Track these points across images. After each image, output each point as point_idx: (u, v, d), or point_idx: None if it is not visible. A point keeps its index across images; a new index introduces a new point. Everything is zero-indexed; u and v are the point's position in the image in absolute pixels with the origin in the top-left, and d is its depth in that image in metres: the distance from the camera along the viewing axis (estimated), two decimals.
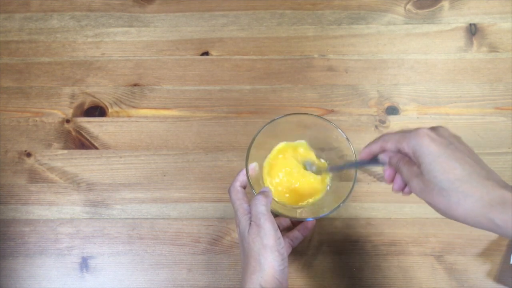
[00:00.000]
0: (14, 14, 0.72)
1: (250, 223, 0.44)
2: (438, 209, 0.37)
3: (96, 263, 0.60)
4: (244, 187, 0.49)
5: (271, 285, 0.42)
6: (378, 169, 0.63)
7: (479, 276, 0.58)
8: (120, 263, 0.60)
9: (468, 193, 0.35)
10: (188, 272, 0.59)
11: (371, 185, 0.62)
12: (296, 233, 0.53)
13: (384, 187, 0.62)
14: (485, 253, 0.59)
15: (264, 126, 0.49)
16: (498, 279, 0.58)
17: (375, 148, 0.43)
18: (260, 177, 0.53)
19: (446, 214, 0.37)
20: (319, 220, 0.61)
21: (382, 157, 0.43)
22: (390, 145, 0.41)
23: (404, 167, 0.40)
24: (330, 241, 0.60)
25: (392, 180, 0.43)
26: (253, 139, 0.48)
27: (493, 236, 0.60)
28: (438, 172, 0.36)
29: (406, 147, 0.39)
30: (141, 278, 0.59)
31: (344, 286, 0.58)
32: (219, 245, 0.60)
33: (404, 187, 0.43)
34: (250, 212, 0.45)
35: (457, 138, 0.39)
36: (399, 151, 0.41)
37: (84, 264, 0.60)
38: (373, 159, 0.44)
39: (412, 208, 0.61)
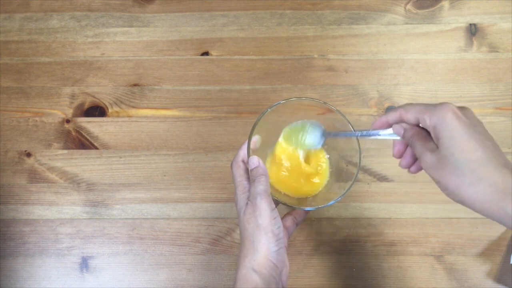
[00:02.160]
0: (14, 14, 0.72)
1: (247, 203, 0.43)
2: (446, 188, 0.36)
3: (96, 263, 0.60)
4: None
5: (265, 268, 0.41)
6: (378, 168, 0.63)
7: (479, 276, 0.58)
8: (120, 263, 0.60)
9: (483, 177, 0.34)
10: (188, 272, 0.59)
11: (371, 185, 0.62)
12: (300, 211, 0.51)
13: (384, 187, 0.62)
14: (485, 253, 0.59)
15: (276, 104, 0.48)
16: (498, 279, 0.58)
17: (393, 117, 0.41)
18: (263, 157, 0.51)
19: (454, 194, 0.35)
20: (319, 220, 0.61)
21: (397, 128, 0.41)
22: (410, 116, 0.39)
23: (418, 142, 0.38)
24: (330, 241, 0.60)
25: (400, 156, 0.42)
26: (261, 115, 0.47)
27: (493, 236, 0.60)
28: (457, 149, 0.35)
29: (428, 120, 0.37)
30: (141, 278, 0.59)
31: (344, 286, 0.58)
32: (219, 245, 0.60)
33: (412, 164, 0.41)
34: (249, 190, 0.44)
35: (479, 122, 0.38)
36: (417, 124, 0.39)
37: (84, 264, 0.60)
38: (385, 130, 0.42)
39: (412, 208, 0.61)
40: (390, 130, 0.42)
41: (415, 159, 0.41)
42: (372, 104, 0.66)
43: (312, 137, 0.51)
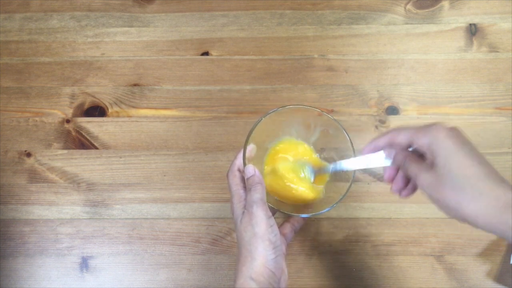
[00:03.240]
0: (14, 14, 0.72)
1: (243, 212, 0.43)
2: (446, 206, 0.36)
3: (96, 263, 0.60)
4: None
5: (263, 276, 0.41)
6: (378, 168, 0.63)
7: (479, 276, 0.58)
8: (120, 263, 0.60)
9: (484, 191, 0.34)
10: (188, 272, 0.59)
11: (371, 185, 0.62)
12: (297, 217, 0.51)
13: (384, 187, 0.62)
14: (485, 253, 0.59)
15: (270, 113, 0.48)
16: (498, 279, 0.58)
17: (382, 142, 0.41)
18: (260, 166, 0.52)
19: (456, 211, 0.35)
20: (318, 220, 0.61)
21: (387, 152, 0.41)
22: (403, 137, 0.40)
23: (412, 163, 0.38)
24: (330, 241, 0.60)
25: (392, 180, 0.42)
26: (256, 123, 0.48)
27: (493, 236, 0.60)
28: (454, 166, 0.35)
29: (422, 139, 0.38)
30: (141, 278, 0.59)
31: (344, 286, 0.58)
32: (219, 245, 0.60)
33: (403, 189, 0.42)
34: (245, 199, 0.44)
35: (470, 141, 0.38)
36: (409, 145, 0.39)
37: (84, 264, 0.60)
38: (375, 154, 0.42)
39: (412, 208, 0.61)
40: (380, 154, 0.42)
41: (406, 183, 0.42)
42: (372, 104, 0.66)
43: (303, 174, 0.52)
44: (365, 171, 0.63)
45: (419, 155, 0.39)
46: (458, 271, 0.59)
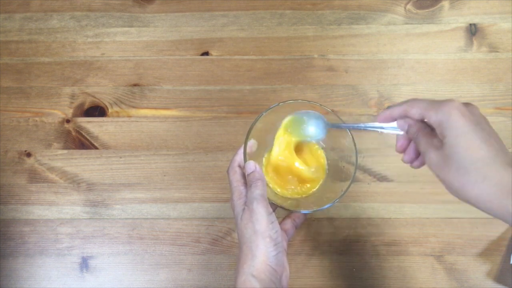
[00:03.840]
0: (14, 14, 0.72)
1: (244, 208, 0.43)
2: (450, 186, 0.36)
3: (96, 263, 0.60)
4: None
5: (264, 273, 0.40)
6: (378, 168, 0.63)
7: (479, 276, 0.58)
8: (120, 263, 0.60)
9: (488, 175, 0.33)
10: (188, 272, 0.59)
11: (371, 185, 0.62)
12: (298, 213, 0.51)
13: (384, 187, 0.62)
14: (485, 253, 0.59)
15: (271, 107, 0.48)
16: (498, 279, 0.58)
17: (398, 111, 0.40)
18: (260, 160, 0.52)
19: (458, 193, 0.35)
20: (319, 220, 0.61)
21: (401, 123, 0.40)
22: (416, 111, 0.39)
23: (423, 138, 0.38)
24: (330, 241, 0.60)
25: (403, 150, 0.42)
26: (257, 119, 0.47)
27: (493, 236, 0.60)
28: (461, 148, 0.35)
29: (433, 116, 0.37)
30: (141, 278, 0.59)
31: (344, 286, 0.58)
32: (219, 245, 0.60)
33: (414, 160, 0.41)
34: (246, 196, 0.44)
35: (485, 119, 0.37)
36: (421, 120, 0.39)
37: (84, 264, 0.60)
38: (389, 124, 0.42)
39: (412, 208, 0.61)
40: (394, 124, 0.41)
41: (418, 154, 0.41)
42: (372, 104, 0.66)
43: (313, 128, 0.50)
44: (365, 170, 0.63)
45: (433, 129, 0.38)
46: (458, 271, 0.59)
